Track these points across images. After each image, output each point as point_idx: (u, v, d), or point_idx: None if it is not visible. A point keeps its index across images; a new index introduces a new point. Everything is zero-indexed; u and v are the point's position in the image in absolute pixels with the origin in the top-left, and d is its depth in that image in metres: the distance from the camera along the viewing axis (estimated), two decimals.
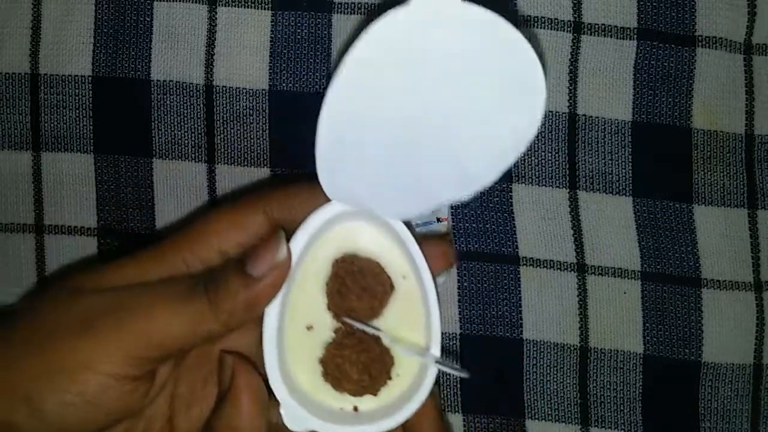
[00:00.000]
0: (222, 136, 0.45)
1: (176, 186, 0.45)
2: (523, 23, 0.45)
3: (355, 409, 0.32)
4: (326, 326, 0.32)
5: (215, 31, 0.45)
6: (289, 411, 0.30)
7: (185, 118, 0.45)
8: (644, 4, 0.45)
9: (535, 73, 0.27)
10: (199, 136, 0.45)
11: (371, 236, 0.31)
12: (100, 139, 0.45)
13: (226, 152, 0.45)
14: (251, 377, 0.30)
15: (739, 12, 0.45)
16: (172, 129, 0.45)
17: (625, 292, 0.45)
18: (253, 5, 0.45)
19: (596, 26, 0.45)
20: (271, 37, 0.45)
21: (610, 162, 0.45)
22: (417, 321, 0.31)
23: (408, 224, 0.31)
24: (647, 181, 0.45)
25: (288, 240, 0.30)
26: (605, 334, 0.45)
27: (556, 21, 0.45)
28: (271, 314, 0.30)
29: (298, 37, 0.45)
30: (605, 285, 0.45)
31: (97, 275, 0.32)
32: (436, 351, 0.31)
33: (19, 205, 0.46)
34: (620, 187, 0.45)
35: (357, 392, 0.31)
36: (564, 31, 0.45)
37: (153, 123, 0.45)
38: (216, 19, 0.45)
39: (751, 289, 0.45)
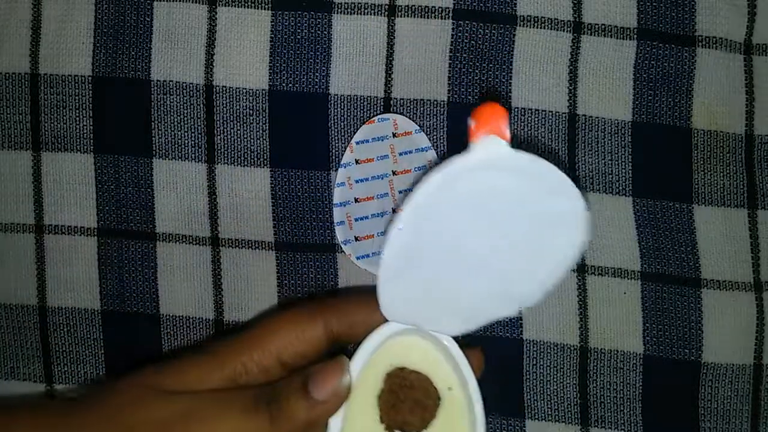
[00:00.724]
0: (222, 136, 0.45)
1: (176, 186, 0.45)
2: (523, 23, 0.45)
3: None
4: None
5: (215, 31, 0.45)
6: None
7: (185, 118, 0.45)
8: (644, 4, 0.45)
9: (578, 206, 0.30)
10: (199, 136, 0.45)
11: (420, 350, 0.34)
12: (100, 139, 0.45)
13: (226, 152, 0.45)
14: None
15: (739, 12, 0.45)
16: (172, 129, 0.45)
17: (625, 292, 0.45)
18: (253, 5, 0.45)
19: (596, 26, 0.45)
20: (271, 37, 0.45)
21: (610, 162, 0.45)
22: (462, 429, 0.34)
23: (456, 338, 0.34)
24: (647, 181, 0.45)
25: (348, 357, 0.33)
26: (605, 334, 0.45)
27: (556, 21, 0.45)
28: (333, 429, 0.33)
29: (298, 37, 0.45)
30: (605, 285, 0.45)
31: (160, 376, 0.34)
32: None
33: (19, 205, 0.46)
34: (620, 187, 0.45)
35: None
36: (564, 31, 0.45)
37: (153, 123, 0.45)
38: (216, 19, 0.45)
39: (751, 289, 0.45)
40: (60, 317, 0.46)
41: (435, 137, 0.45)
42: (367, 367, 0.34)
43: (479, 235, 0.31)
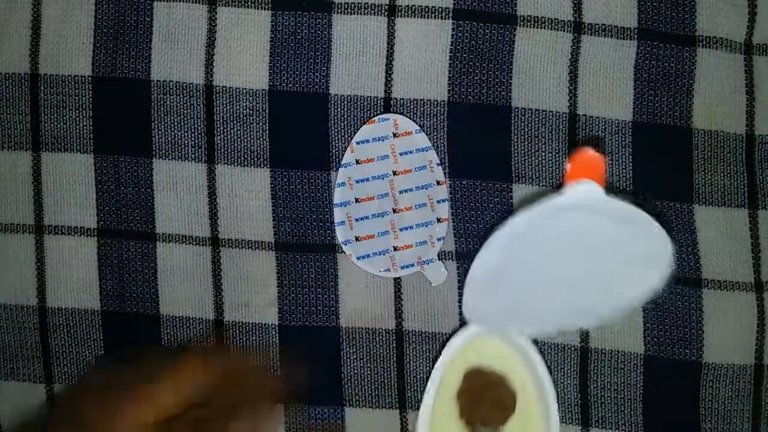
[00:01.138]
0: (222, 136, 0.45)
1: (176, 186, 0.45)
2: (523, 23, 0.45)
3: None
4: None
5: (215, 31, 0.45)
6: None
7: (185, 118, 0.45)
8: (644, 4, 0.45)
9: (664, 248, 0.34)
10: (199, 136, 0.45)
11: (496, 351, 0.36)
12: (100, 139, 0.45)
13: (226, 152, 0.45)
14: None
15: (739, 12, 0.45)
16: (172, 129, 0.45)
17: None
18: (253, 5, 0.45)
19: (596, 26, 0.45)
20: (271, 37, 0.45)
21: (610, 162, 0.45)
22: (535, 425, 0.37)
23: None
24: (647, 181, 0.45)
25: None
26: (605, 335, 0.45)
27: (556, 21, 0.45)
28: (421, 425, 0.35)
29: (298, 37, 0.45)
30: None
31: None
32: None
33: (19, 205, 0.46)
34: (620, 187, 0.45)
35: None
36: (564, 31, 0.45)
37: (153, 123, 0.45)
38: (216, 19, 0.45)
39: (751, 289, 0.45)
40: (60, 317, 0.46)
41: (435, 137, 0.45)
42: (449, 368, 0.36)
43: (564, 262, 0.34)
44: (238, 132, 0.45)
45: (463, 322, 0.37)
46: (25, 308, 0.46)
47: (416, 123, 0.45)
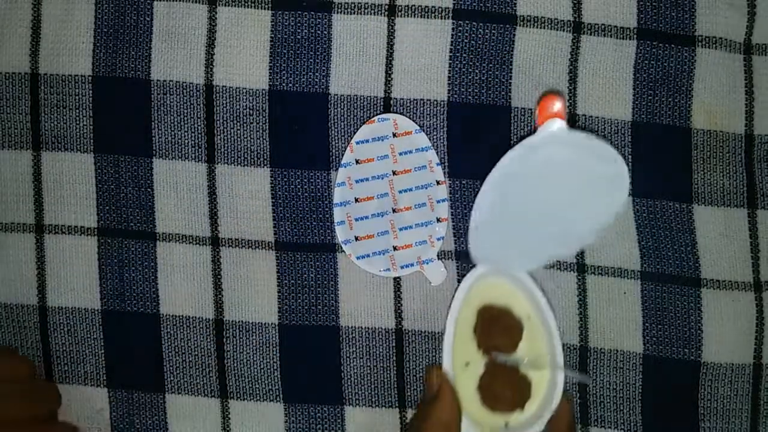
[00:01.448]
0: (222, 136, 0.45)
1: (176, 186, 0.45)
2: (523, 23, 0.45)
3: (506, 425, 0.41)
4: (479, 362, 0.41)
5: (215, 31, 0.45)
6: (465, 429, 0.40)
7: (185, 118, 0.45)
8: (644, 4, 0.45)
9: (622, 171, 0.39)
10: (199, 136, 0.45)
11: (502, 288, 0.42)
12: (100, 139, 0.45)
13: (226, 152, 0.45)
14: (451, 385, 0.40)
15: (739, 12, 0.45)
16: (172, 129, 0.45)
17: (625, 292, 0.45)
18: (253, 5, 0.45)
19: (596, 26, 0.45)
20: (271, 37, 0.45)
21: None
22: (542, 347, 0.41)
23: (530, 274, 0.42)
24: (647, 181, 0.45)
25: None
26: (605, 334, 0.45)
27: (556, 21, 0.45)
28: (446, 357, 0.40)
29: (298, 37, 0.45)
30: (605, 285, 0.45)
31: None
32: (561, 362, 0.41)
33: (19, 204, 0.46)
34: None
35: (509, 408, 0.41)
36: (564, 31, 0.45)
37: (153, 123, 0.45)
38: (216, 19, 0.45)
39: (750, 289, 0.45)
40: (60, 317, 0.46)
41: (435, 137, 0.45)
42: (465, 307, 0.41)
43: (547, 194, 0.40)
44: (238, 132, 0.45)
45: (472, 265, 0.42)
46: (25, 307, 0.46)
47: (416, 123, 0.45)
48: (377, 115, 0.45)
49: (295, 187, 0.45)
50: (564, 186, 0.39)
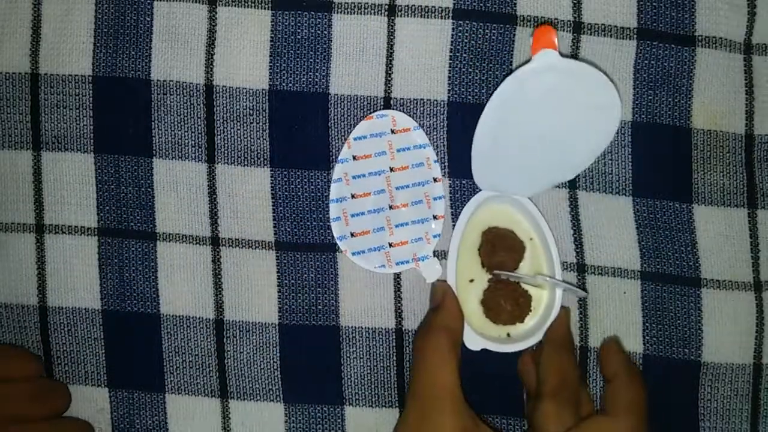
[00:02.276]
0: (222, 136, 0.45)
1: (176, 186, 0.45)
2: (523, 23, 0.45)
3: (508, 335, 0.44)
4: (483, 279, 0.44)
5: (215, 31, 0.45)
6: (468, 336, 0.43)
7: (185, 118, 0.45)
8: (644, 4, 0.45)
9: (613, 95, 0.41)
10: (199, 136, 0.45)
11: (505, 212, 0.44)
12: (100, 139, 0.45)
13: (226, 152, 0.45)
14: (454, 294, 0.43)
15: (739, 12, 0.45)
16: (172, 129, 0.45)
17: (624, 292, 0.45)
18: (253, 5, 0.45)
19: (596, 26, 0.45)
20: (271, 37, 0.45)
21: (610, 162, 0.45)
22: (543, 267, 0.44)
23: (531, 199, 0.44)
24: (647, 181, 0.45)
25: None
26: (605, 334, 0.45)
27: (556, 21, 0.45)
28: (450, 274, 0.44)
29: (298, 37, 0.45)
30: (605, 285, 0.45)
31: None
32: (559, 277, 0.44)
33: (19, 204, 0.46)
34: (620, 187, 0.45)
35: (510, 321, 0.44)
36: (564, 31, 0.45)
37: (153, 123, 0.45)
38: (216, 19, 0.45)
39: (750, 289, 0.45)
40: (60, 317, 0.46)
41: (435, 137, 0.45)
42: (469, 228, 0.44)
43: (544, 120, 0.41)
44: (238, 132, 0.45)
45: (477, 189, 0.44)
46: (25, 307, 0.46)
47: (416, 122, 0.45)
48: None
49: (295, 187, 0.45)
50: (559, 113, 0.41)
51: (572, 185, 0.45)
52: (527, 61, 0.40)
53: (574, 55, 0.45)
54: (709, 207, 0.45)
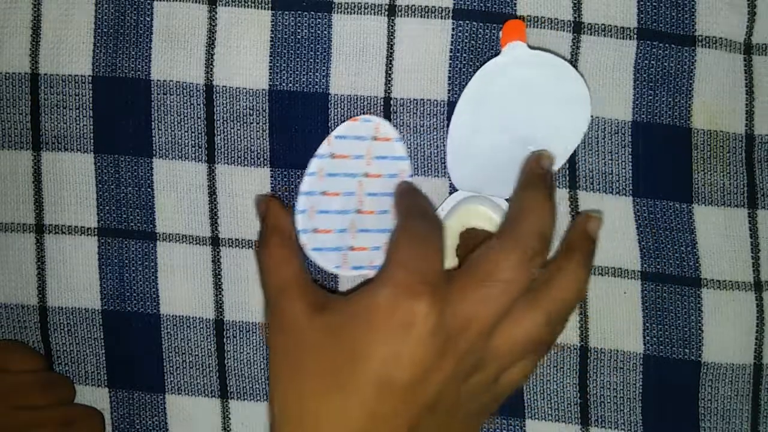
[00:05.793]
0: (222, 136, 0.45)
1: (176, 186, 0.45)
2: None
3: None
4: None
5: (215, 31, 0.45)
6: None
7: (185, 118, 0.45)
8: (644, 4, 0.45)
9: (582, 89, 0.42)
10: (199, 136, 0.45)
11: (483, 212, 0.43)
12: (100, 139, 0.45)
13: (226, 152, 0.45)
14: (275, 198, 0.43)
15: (739, 12, 0.45)
16: (172, 129, 0.45)
17: (625, 292, 0.45)
18: (253, 5, 0.45)
19: (596, 26, 0.45)
20: (271, 37, 0.45)
21: (610, 162, 0.45)
22: None
23: (508, 200, 0.43)
24: (647, 181, 0.45)
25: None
26: (605, 334, 0.45)
27: (556, 21, 0.45)
28: None
29: (298, 37, 0.45)
30: (605, 285, 0.45)
31: None
32: None
33: (19, 204, 0.46)
34: (620, 187, 0.45)
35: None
36: (564, 31, 0.45)
37: (153, 123, 0.45)
38: (216, 19, 0.45)
39: (751, 289, 0.45)
40: (60, 317, 0.46)
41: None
42: (447, 229, 0.42)
43: (516, 116, 0.42)
44: (238, 132, 0.45)
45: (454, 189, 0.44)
46: (25, 307, 0.46)
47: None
48: (376, 114, 0.45)
49: (295, 187, 0.45)
50: (531, 108, 0.42)
51: (572, 185, 0.45)
52: (496, 55, 0.41)
53: (574, 55, 0.45)
54: (709, 207, 0.45)
